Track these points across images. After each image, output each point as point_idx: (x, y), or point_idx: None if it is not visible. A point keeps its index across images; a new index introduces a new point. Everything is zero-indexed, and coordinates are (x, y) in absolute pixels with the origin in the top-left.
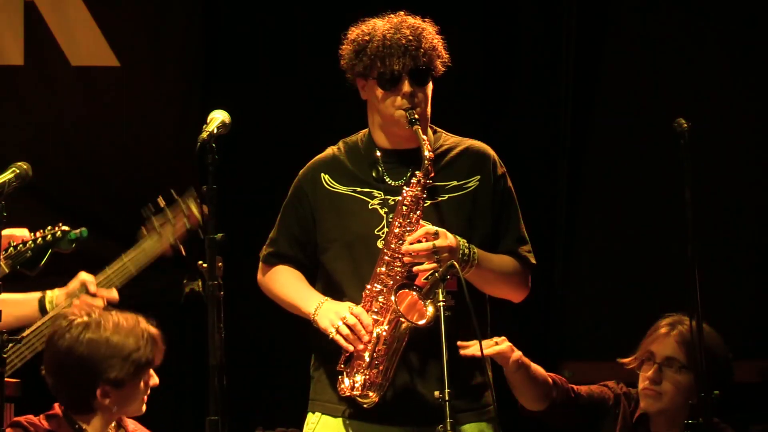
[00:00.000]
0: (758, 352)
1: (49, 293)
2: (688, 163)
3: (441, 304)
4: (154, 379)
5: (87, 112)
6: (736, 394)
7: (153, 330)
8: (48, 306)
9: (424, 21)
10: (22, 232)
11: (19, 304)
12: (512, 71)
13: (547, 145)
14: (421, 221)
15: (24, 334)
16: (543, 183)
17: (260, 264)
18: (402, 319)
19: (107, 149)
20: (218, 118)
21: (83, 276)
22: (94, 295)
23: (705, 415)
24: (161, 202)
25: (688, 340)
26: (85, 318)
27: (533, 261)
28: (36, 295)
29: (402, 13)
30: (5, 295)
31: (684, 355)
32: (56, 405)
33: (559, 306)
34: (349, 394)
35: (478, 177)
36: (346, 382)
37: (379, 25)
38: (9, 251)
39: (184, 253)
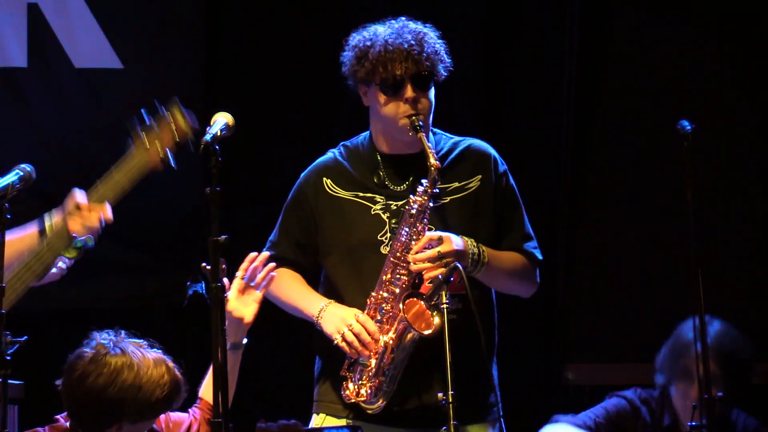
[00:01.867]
0: (762, 354)
1: (46, 217)
2: (690, 165)
3: (444, 306)
4: None
5: (90, 114)
6: (748, 396)
7: (179, 376)
8: (48, 230)
9: (426, 26)
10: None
11: (20, 240)
12: (515, 70)
13: (550, 145)
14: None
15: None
16: (545, 183)
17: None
18: (409, 329)
19: (110, 151)
20: (221, 120)
21: (75, 193)
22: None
23: (709, 416)
24: (146, 115)
25: (725, 352)
26: (121, 359)
27: (540, 256)
28: (34, 224)
29: (403, 18)
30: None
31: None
32: (59, 418)
33: (562, 308)
34: (354, 400)
35: (480, 177)
36: (351, 387)
37: (381, 31)
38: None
39: (174, 164)
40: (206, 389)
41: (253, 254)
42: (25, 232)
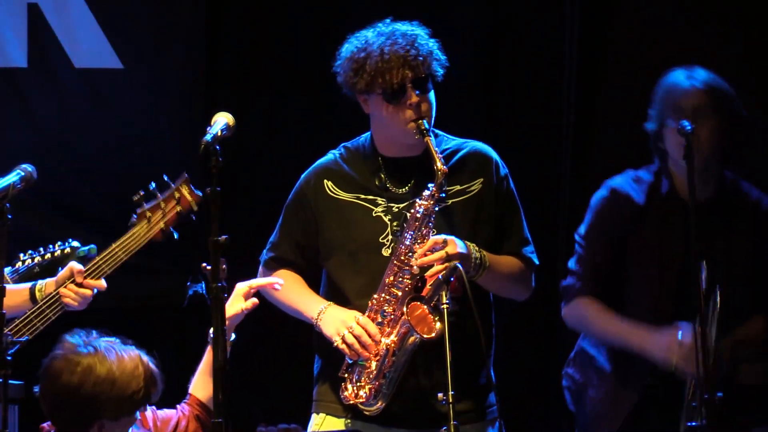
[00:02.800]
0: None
1: (39, 282)
2: (690, 165)
3: (444, 306)
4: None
5: (90, 114)
6: (740, 397)
7: (154, 369)
8: (38, 294)
9: (414, 24)
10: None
11: (11, 294)
12: (514, 70)
13: (550, 145)
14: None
15: (16, 323)
16: (545, 184)
17: (260, 267)
18: (411, 332)
19: (111, 151)
20: (222, 120)
21: (72, 264)
22: (80, 285)
23: (708, 416)
24: (153, 188)
25: (711, 83)
26: (93, 355)
27: (537, 261)
28: (27, 285)
29: (389, 20)
30: None
31: (712, 99)
32: (45, 426)
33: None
34: (353, 401)
35: (481, 180)
36: (350, 389)
37: (372, 38)
38: (17, 266)
39: (176, 237)
40: (196, 385)
41: (271, 280)
42: (16, 287)
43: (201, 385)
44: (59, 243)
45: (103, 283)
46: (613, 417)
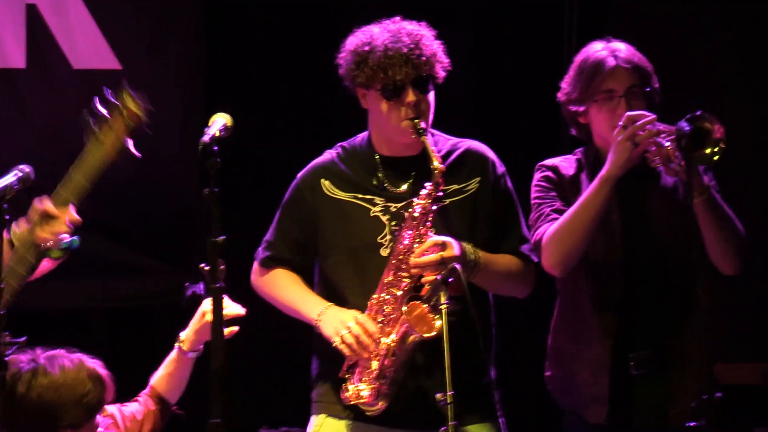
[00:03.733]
0: (763, 355)
1: (13, 228)
2: (689, 166)
3: (443, 306)
4: (105, 412)
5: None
6: (740, 397)
7: (101, 371)
8: (15, 242)
9: (420, 24)
10: None
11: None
12: (512, 69)
13: (549, 145)
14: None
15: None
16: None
17: (256, 266)
18: (411, 332)
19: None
20: (220, 121)
21: (35, 204)
22: (54, 217)
23: (708, 416)
24: (96, 106)
25: (633, 59)
26: (32, 366)
27: (536, 259)
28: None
29: (398, 18)
30: None
31: (640, 79)
32: None
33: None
34: (354, 402)
35: (479, 179)
36: (351, 389)
37: (377, 34)
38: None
39: (136, 153)
40: (159, 378)
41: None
42: None
43: (162, 380)
44: None
45: (73, 213)
46: (598, 400)
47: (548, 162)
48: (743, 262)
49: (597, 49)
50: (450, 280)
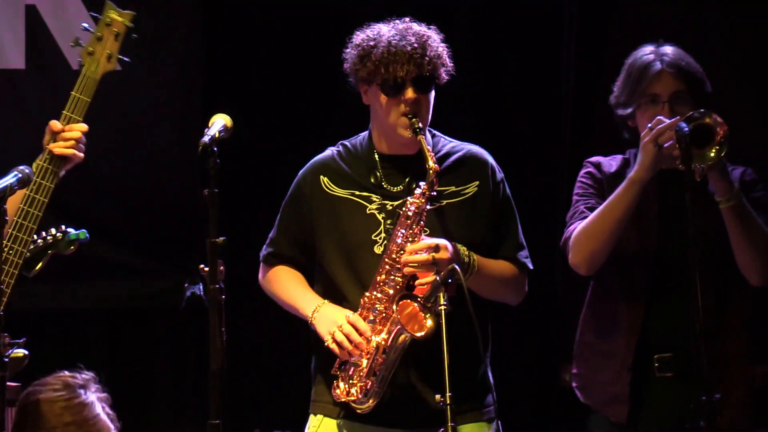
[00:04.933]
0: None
1: (23, 168)
2: (688, 166)
3: (442, 307)
4: None
5: (88, 115)
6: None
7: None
8: (36, 171)
9: (430, 29)
10: None
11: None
12: (514, 73)
13: (549, 148)
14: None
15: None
16: (545, 185)
17: (261, 264)
18: (402, 331)
19: (108, 153)
20: (220, 122)
21: (50, 124)
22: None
23: (707, 419)
24: (84, 26)
25: (680, 64)
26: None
27: (530, 266)
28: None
29: (408, 19)
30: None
31: (686, 83)
32: None
33: (560, 309)
34: (344, 399)
35: (477, 183)
36: (342, 386)
37: (385, 31)
38: (7, 252)
39: (126, 59)
40: None
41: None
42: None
43: None
44: (52, 229)
45: (82, 124)
46: (619, 398)
47: (593, 159)
48: None
49: (645, 52)
50: (449, 281)
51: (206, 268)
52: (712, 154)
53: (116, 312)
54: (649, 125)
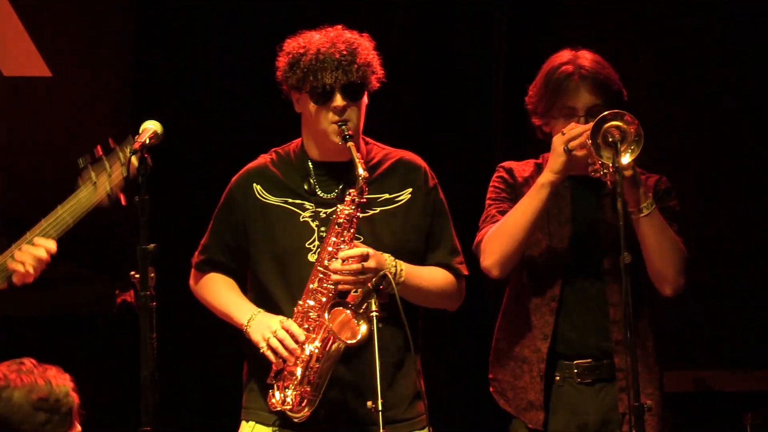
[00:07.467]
0: (691, 363)
1: None
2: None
3: (374, 314)
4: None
5: (19, 123)
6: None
7: (66, 400)
8: None
9: (361, 36)
10: None
11: None
12: (447, 80)
13: (482, 154)
14: (354, 239)
15: None
16: (478, 192)
17: (192, 271)
18: (334, 338)
19: (40, 159)
20: (150, 128)
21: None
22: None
23: (637, 427)
24: (98, 151)
25: (598, 78)
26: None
27: (466, 272)
28: None
29: (340, 27)
30: None
31: (602, 97)
32: None
33: (491, 315)
34: (280, 408)
35: (410, 190)
36: (277, 396)
37: (315, 39)
38: None
39: (123, 202)
40: None
41: None
42: None
43: None
44: None
45: (53, 244)
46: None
47: (506, 163)
48: (684, 286)
49: (563, 60)
50: (381, 287)
51: (137, 275)
52: (627, 156)
53: (46, 320)
54: (563, 131)
